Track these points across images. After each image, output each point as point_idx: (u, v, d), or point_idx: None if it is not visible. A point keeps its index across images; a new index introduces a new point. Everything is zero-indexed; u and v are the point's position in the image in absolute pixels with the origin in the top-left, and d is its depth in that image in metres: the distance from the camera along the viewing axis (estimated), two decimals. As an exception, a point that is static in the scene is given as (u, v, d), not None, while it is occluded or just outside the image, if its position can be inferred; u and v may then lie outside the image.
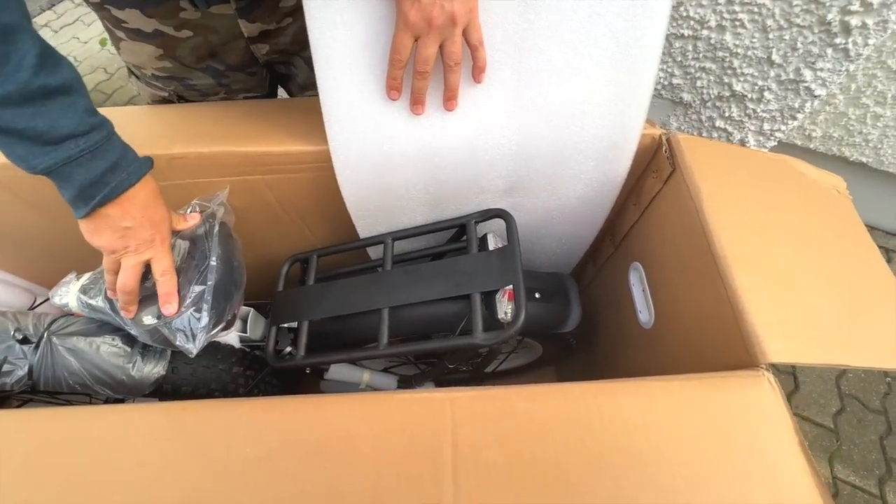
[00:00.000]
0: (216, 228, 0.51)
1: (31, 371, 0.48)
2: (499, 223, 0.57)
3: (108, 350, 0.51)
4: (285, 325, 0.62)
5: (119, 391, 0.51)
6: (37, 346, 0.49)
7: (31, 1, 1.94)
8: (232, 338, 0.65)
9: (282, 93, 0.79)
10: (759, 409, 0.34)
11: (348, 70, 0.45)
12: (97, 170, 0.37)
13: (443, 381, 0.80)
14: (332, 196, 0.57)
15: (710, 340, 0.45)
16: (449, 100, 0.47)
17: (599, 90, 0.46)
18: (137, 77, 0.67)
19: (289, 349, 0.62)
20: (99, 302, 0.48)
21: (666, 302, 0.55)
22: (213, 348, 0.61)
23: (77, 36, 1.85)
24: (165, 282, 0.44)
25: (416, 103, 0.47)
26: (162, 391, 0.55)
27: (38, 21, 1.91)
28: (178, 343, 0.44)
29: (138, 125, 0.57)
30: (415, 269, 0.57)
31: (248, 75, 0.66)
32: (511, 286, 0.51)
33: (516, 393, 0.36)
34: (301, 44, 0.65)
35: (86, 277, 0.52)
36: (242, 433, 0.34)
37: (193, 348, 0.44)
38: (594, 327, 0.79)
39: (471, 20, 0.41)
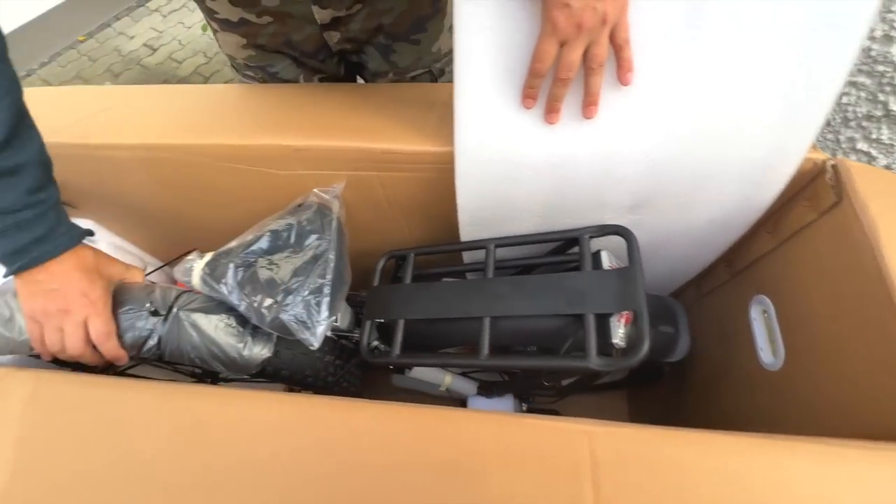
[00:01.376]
0: (334, 223, 0.51)
1: (159, 342, 0.51)
2: (614, 240, 0.53)
3: (224, 328, 0.53)
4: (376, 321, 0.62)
5: (231, 369, 0.53)
6: (165, 319, 0.52)
7: (146, -13, 2.11)
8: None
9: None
10: (969, 501, 0.29)
11: (487, 76, 0.43)
12: (21, 241, 0.40)
13: (522, 394, 0.77)
14: (441, 197, 0.56)
15: (875, 403, 0.39)
16: (589, 105, 0.44)
17: (766, 107, 0.41)
18: (236, 69, 0.71)
19: (375, 344, 0.63)
20: (222, 288, 0.50)
21: (804, 345, 0.49)
22: (310, 334, 0.63)
23: (182, 21, 1.99)
24: (109, 349, 0.46)
25: (552, 111, 0.44)
26: (264, 373, 0.57)
27: (149, 6, 2.08)
28: (301, 336, 0.45)
29: (268, 108, 0.59)
30: (520, 280, 0.55)
31: (321, 62, 0.68)
32: (629, 310, 0.47)
33: (660, 436, 0.33)
34: (370, 31, 0.65)
35: (209, 256, 0.55)
36: (369, 439, 0.34)
37: (315, 341, 0.44)
38: (689, 358, 0.73)
39: (620, 18, 0.38)
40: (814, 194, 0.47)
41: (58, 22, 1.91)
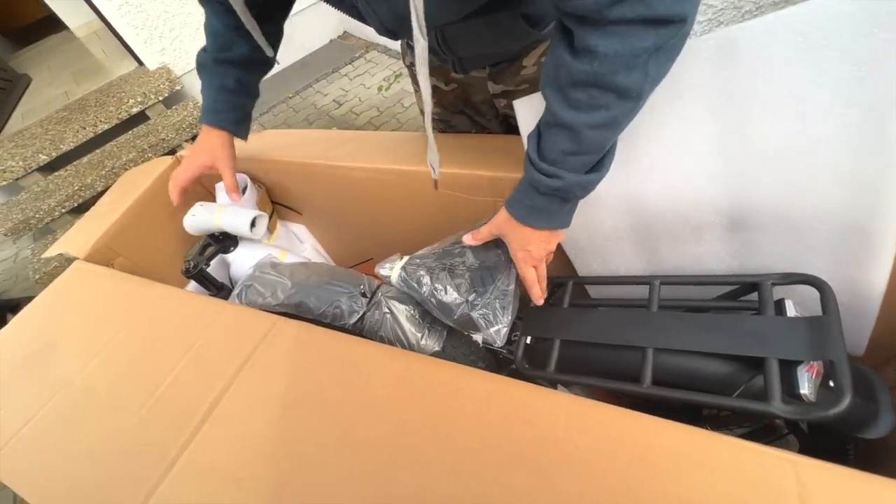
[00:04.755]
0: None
1: (362, 317, 0.64)
2: (801, 291, 0.51)
3: (410, 317, 0.64)
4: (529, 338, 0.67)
5: (410, 354, 0.63)
6: (370, 300, 0.64)
7: (339, 57, 2.67)
8: (477, 336, 0.74)
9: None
10: None
11: None
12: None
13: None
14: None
15: None
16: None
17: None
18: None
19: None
20: (414, 285, 0.61)
21: None
22: (469, 340, 0.71)
23: (364, 83, 2.45)
24: None
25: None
26: (432, 364, 0.66)
27: (341, 72, 2.62)
28: (486, 332, 0.52)
29: (463, 148, 0.73)
30: (690, 317, 0.55)
31: (488, 121, 0.83)
32: (821, 361, 0.45)
33: (884, 485, 0.31)
34: None
35: (407, 258, 0.67)
36: (564, 422, 0.39)
37: (499, 339, 0.52)
38: (882, 450, 0.62)
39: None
40: None
41: (277, 84, 2.54)
